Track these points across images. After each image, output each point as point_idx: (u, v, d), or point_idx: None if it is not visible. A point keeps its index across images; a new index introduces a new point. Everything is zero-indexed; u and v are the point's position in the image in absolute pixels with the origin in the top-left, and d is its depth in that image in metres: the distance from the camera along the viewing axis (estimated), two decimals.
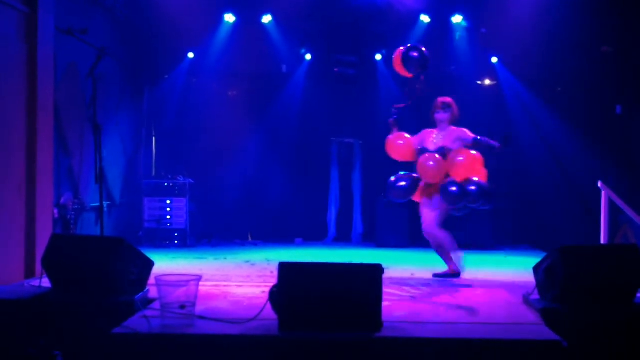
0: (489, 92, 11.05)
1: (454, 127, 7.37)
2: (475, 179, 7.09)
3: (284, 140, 11.03)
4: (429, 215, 7.28)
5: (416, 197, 7.50)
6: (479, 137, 7.21)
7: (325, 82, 10.75)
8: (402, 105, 7.57)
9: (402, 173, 7.48)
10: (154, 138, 11.32)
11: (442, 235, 7.27)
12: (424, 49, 7.52)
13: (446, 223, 10.15)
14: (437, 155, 7.20)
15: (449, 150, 7.23)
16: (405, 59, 7.45)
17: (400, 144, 7.48)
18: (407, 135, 7.52)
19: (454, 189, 7.00)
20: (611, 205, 7.70)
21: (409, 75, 7.56)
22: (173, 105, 11.16)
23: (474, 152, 7.23)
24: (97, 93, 6.63)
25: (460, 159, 7.16)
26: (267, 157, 11.05)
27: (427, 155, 7.23)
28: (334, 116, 10.43)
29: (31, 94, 6.73)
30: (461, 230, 10.12)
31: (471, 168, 7.17)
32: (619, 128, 9.80)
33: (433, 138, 7.36)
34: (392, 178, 7.45)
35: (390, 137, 7.52)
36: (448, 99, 7.42)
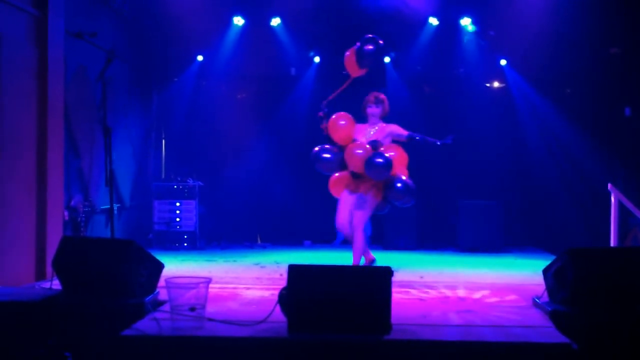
0: (498, 94, 11.03)
1: (384, 123, 7.56)
2: (403, 177, 7.33)
3: (292, 142, 11.03)
4: (361, 212, 7.43)
5: (340, 190, 7.64)
6: (417, 137, 7.42)
7: (334, 84, 10.70)
8: (328, 99, 7.68)
9: (327, 146, 7.56)
10: (163, 140, 11.37)
11: (362, 235, 7.48)
12: (380, 41, 7.62)
13: (459, 225, 10.18)
14: (367, 146, 7.33)
15: (381, 144, 7.39)
16: (360, 52, 7.58)
17: (342, 124, 7.55)
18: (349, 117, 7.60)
19: (399, 185, 7.24)
20: (621, 207, 7.68)
21: (360, 71, 7.70)
22: (182, 108, 11.19)
23: (401, 149, 7.46)
24: (106, 96, 6.66)
25: (392, 153, 7.32)
26: (276, 160, 11.06)
27: (357, 143, 7.36)
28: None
29: (42, 97, 6.77)
30: (471, 233, 10.15)
31: (399, 165, 7.37)
32: (628, 130, 9.77)
33: (364, 133, 7.50)
34: (317, 148, 7.57)
35: (332, 117, 7.58)
36: (381, 95, 7.61)
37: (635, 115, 9.69)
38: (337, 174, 7.73)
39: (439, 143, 7.29)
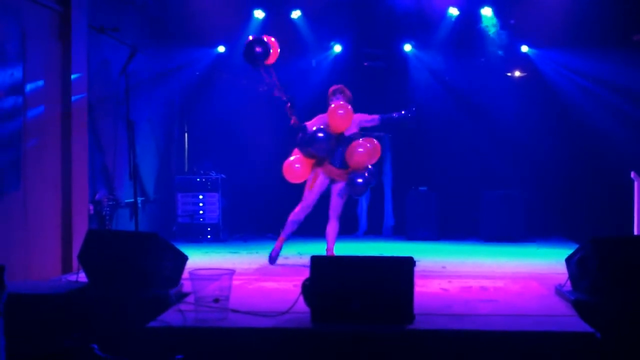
0: (519, 83, 10.97)
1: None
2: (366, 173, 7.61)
3: None
4: (338, 202, 7.84)
5: (312, 178, 7.89)
6: (385, 117, 7.70)
7: (355, 75, 10.72)
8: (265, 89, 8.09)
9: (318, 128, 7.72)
10: (186, 134, 11.43)
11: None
12: (266, 39, 7.91)
13: (481, 215, 10.17)
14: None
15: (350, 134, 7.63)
16: (249, 53, 7.88)
17: (297, 167, 7.87)
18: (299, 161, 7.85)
19: (360, 180, 7.54)
20: None
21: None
22: (204, 102, 11.24)
23: (367, 143, 7.67)
24: (129, 90, 6.71)
25: (361, 150, 7.56)
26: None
27: (339, 103, 7.65)
28: (364, 110, 10.38)
29: (66, 93, 6.85)
30: (494, 222, 10.12)
31: (368, 159, 7.63)
32: None
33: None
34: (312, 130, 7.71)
35: (286, 162, 7.94)
36: (338, 86, 7.84)
37: None
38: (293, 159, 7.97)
39: (403, 112, 7.62)
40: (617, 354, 4.75)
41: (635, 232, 7.69)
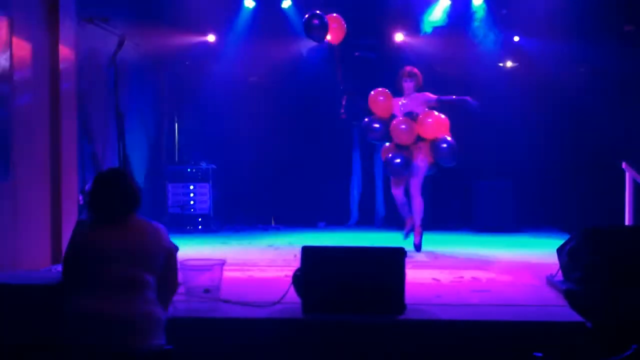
0: (511, 73, 10.96)
1: (417, 93, 8.02)
2: (448, 138, 7.88)
3: (305, 125, 11.01)
4: (415, 179, 7.97)
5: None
6: (444, 99, 8.00)
7: (347, 65, 10.70)
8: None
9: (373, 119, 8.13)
10: (176, 124, 11.37)
11: (421, 199, 8.06)
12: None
13: (473, 205, 10.21)
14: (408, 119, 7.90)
15: (416, 114, 7.90)
16: (307, 27, 8.36)
17: (381, 99, 8.09)
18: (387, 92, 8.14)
19: (444, 145, 7.80)
20: (636, 186, 7.64)
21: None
22: (194, 92, 11.18)
23: (440, 114, 7.93)
24: (119, 80, 6.65)
25: (430, 120, 7.84)
26: (289, 142, 11.02)
27: (400, 119, 7.91)
28: (355, 99, 10.42)
29: (54, 82, 6.79)
30: (485, 213, 10.12)
31: (438, 128, 7.88)
32: None
33: (400, 105, 8.03)
34: (366, 119, 8.19)
35: (372, 93, 8.16)
36: (414, 69, 8.13)
37: None
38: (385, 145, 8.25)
39: (469, 100, 7.86)
40: (607, 344, 4.75)
41: (627, 223, 7.70)
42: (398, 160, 7.89)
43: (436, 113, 7.90)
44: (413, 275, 6.03)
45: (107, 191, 3.80)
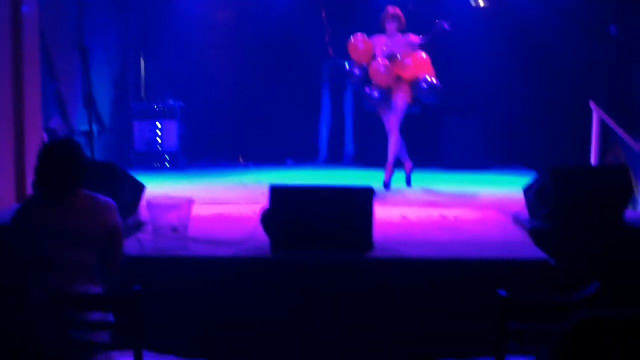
0: (483, 12, 10.85)
1: (400, 35, 8.05)
2: (428, 77, 7.95)
3: (274, 61, 10.86)
4: (393, 116, 7.99)
5: None
6: (426, 36, 7.97)
7: (317, 1, 10.53)
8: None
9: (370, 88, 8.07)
10: (142, 60, 11.12)
11: (397, 137, 8.09)
12: None
13: (442, 142, 10.25)
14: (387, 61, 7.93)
15: (397, 55, 7.94)
16: None
17: (360, 46, 8.06)
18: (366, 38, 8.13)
19: (424, 85, 7.90)
20: (602, 125, 7.69)
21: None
22: (161, 27, 10.93)
23: (422, 54, 8.00)
24: (83, 16, 6.49)
25: (408, 62, 7.91)
26: (258, 78, 10.90)
27: (378, 61, 7.93)
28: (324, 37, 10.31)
29: (15, 18, 6.58)
30: (452, 149, 10.16)
31: (418, 68, 7.95)
32: (612, 49, 9.66)
33: (383, 45, 8.01)
34: (367, 90, 8.10)
35: (350, 40, 8.11)
36: (398, 11, 8.12)
37: (621, 34, 9.56)
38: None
39: (445, 26, 7.83)
40: (571, 281, 4.84)
41: (593, 161, 7.78)
42: (376, 94, 7.96)
43: (423, 55, 7.98)
44: (382, 212, 6.05)
45: (50, 166, 3.68)
